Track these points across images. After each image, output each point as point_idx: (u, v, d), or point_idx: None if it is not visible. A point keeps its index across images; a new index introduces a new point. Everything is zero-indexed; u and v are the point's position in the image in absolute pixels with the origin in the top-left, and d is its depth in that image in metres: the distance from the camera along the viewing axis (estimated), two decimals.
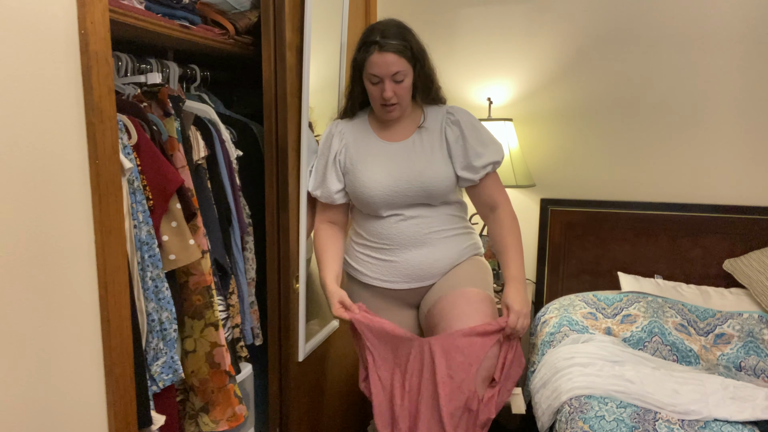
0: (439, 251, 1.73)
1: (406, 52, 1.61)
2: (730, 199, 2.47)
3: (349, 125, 1.79)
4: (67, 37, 1.12)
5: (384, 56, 1.59)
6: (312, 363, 2.07)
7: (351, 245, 1.84)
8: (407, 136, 1.74)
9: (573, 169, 2.67)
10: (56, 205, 1.12)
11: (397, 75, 1.61)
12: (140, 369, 1.34)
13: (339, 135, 1.77)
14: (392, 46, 1.59)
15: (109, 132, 1.20)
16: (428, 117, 1.75)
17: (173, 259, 1.47)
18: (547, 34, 2.64)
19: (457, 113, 1.74)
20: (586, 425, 1.64)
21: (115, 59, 1.52)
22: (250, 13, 1.89)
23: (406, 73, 1.63)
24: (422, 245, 1.72)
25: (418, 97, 1.73)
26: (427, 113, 1.76)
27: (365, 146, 1.74)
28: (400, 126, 1.75)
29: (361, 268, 1.80)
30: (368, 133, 1.76)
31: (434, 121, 1.74)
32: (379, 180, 1.68)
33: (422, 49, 1.67)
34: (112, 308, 1.23)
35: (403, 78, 1.62)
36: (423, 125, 1.73)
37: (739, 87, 2.42)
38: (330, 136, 1.77)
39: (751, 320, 2.11)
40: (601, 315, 2.26)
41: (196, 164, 1.66)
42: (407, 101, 1.69)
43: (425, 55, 1.68)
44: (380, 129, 1.76)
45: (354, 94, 1.76)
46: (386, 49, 1.59)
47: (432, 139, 1.72)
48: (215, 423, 1.62)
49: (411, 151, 1.71)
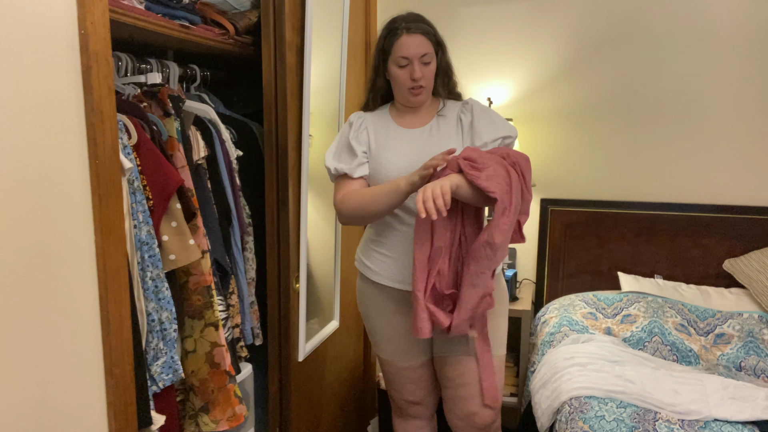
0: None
1: (431, 36, 1.68)
2: (730, 199, 2.47)
3: (370, 116, 1.82)
4: (67, 37, 1.12)
5: (413, 37, 1.66)
6: (312, 363, 2.07)
7: (366, 244, 1.83)
8: (425, 124, 1.78)
9: (573, 169, 2.67)
10: (56, 205, 1.12)
11: (425, 57, 1.67)
12: (140, 369, 1.34)
13: (359, 122, 1.79)
14: (420, 27, 1.67)
15: (109, 132, 1.20)
16: (445, 108, 1.79)
17: (173, 259, 1.47)
18: (547, 33, 2.64)
19: (472, 103, 1.79)
20: (586, 425, 1.64)
21: (115, 59, 1.52)
22: (250, 13, 1.89)
23: (432, 57, 1.69)
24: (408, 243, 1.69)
25: (438, 86, 1.77)
26: (443, 104, 1.80)
27: (385, 133, 1.77)
28: (419, 115, 1.79)
29: (374, 267, 1.78)
30: (388, 121, 1.80)
31: (451, 110, 1.78)
32: (396, 161, 1.71)
33: (442, 39, 1.74)
34: (112, 308, 1.23)
35: (430, 60, 1.68)
36: (441, 113, 1.77)
37: (740, 87, 2.42)
38: (350, 123, 1.80)
39: (751, 320, 2.11)
40: (601, 315, 2.26)
41: (196, 164, 1.66)
42: (432, 86, 1.74)
43: (445, 46, 1.75)
44: (399, 118, 1.80)
45: (376, 86, 1.79)
46: (414, 31, 1.66)
47: (449, 126, 1.76)
48: (215, 423, 1.62)
49: (428, 137, 1.75)
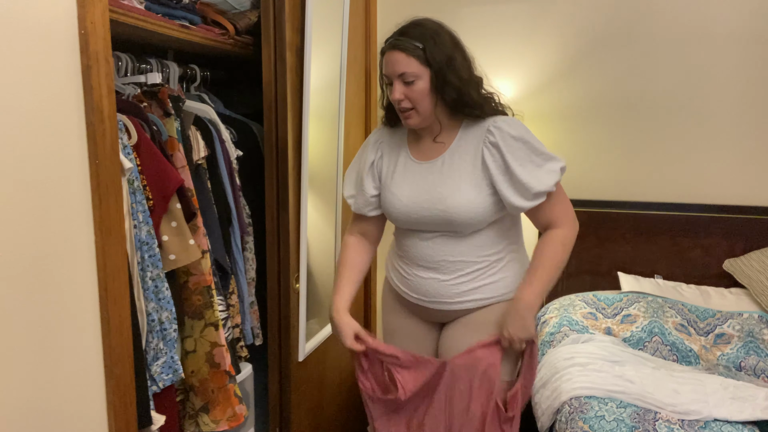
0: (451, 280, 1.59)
1: (417, 51, 1.45)
2: (730, 199, 2.47)
3: (388, 134, 1.68)
4: (67, 37, 1.12)
5: (390, 54, 1.47)
6: (312, 363, 2.07)
7: (392, 248, 1.77)
8: (437, 155, 1.58)
9: (573, 169, 2.65)
10: (56, 205, 1.12)
11: (405, 76, 1.47)
12: (140, 369, 1.34)
13: (376, 144, 1.69)
14: (400, 43, 1.46)
15: (109, 132, 1.20)
16: (464, 134, 1.56)
17: (173, 259, 1.47)
18: (547, 33, 2.64)
19: (498, 132, 1.51)
20: (586, 425, 1.64)
21: (115, 59, 1.52)
22: (250, 13, 1.89)
23: (418, 75, 1.47)
24: (433, 270, 1.60)
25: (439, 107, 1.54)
26: (463, 130, 1.56)
27: (395, 161, 1.64)
28: (432, 144, 1.59)
29: (392, 274, 1.74)
30: (402, 146, 1.64)
31: (470, 140, 1.54)
32: (400, 200, 1.59)
33: (448, 55, 1.48)
34: (112, 308, 1.23)
35: (413, 80, 1.47)
36: (456, 144, 1.56)
37: (740, 87, 2.42)
38: (368, 143, 1.71)
39: (751, 320, 2.11)
40: (601, 315, 2.26)
41: (196, 164, 1.66)
42: (426, 108, 1.51)
43: (452, 63, 1.48)
44: (414, 143, 1.63)
45: (386, 105, 1.65)
46: (394, 47, 1.47)
47: (463, 161, 1.54)
48: (215, 423, 1.62)
49: (438, 174, 1.55)
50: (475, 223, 1.53)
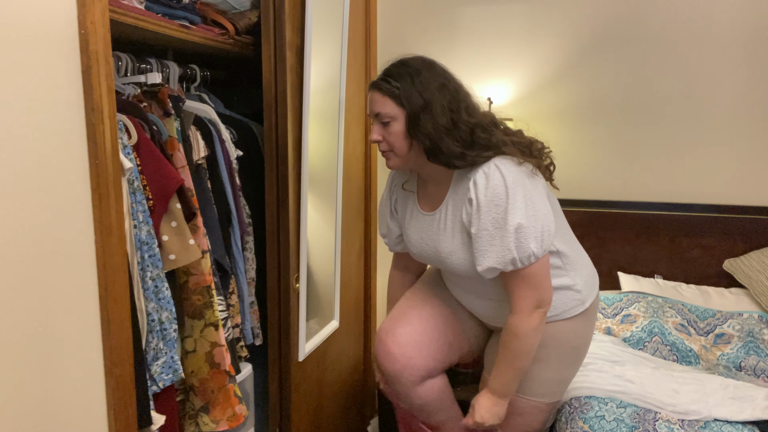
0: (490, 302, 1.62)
1: (393, 92, 1.41)
2: (730, 199, 2.47)
3: (399, 180, 1.70)
4: (67, 37, 1.12)
5: (371, 93, 1.46)
6: (312, 363, 2.07)
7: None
8: (437, 206, 1.55)
9: (572, 169, 2.67)
10: (56, 205, 1.12)
11: (380, 116, 1.44)
12: (140, 369, 1.34)
13: (391, 188, 1.72)
14: (378, 83, 1.45)
15: (109, 132, 1.20)
16: (456, 183, 1.49)
17: (173, 259, 1.47)
18: (547, 33, 2.64)
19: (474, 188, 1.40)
20: (586, 425, 1.64)
21: (115, 59, 1.52)
22: (250, 13, 1.89)
23: (393, 117, 1.42)
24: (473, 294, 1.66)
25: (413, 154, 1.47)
26: (456, 177, 1.49)
27: (406, 207, 1.67)
28: (435, 191, 1.56)
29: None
30: (411, 193, 1.65)
31: (460, 191, 1.47)
32: (414, 246, 1.64)
33: (426, 98, 1.39)
34: (112, 308, 1.23)
35: (389, 120, 1.43)
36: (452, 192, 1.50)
37: (740, 87, 2.42)
38: (388, 183, 1.74)
39: (751, 320, 2.11)
40: (601, 315, 2.26)
41: (196, 164, 1.66)
42: (402, 151, 1.45)
43: (429, 107, 1.39)
44: (421, 188, 1.62)
45: None
46: (373, 85, 1.46)
47: (455, 217, 1.49)
48: (215, 423, 1.62)
49: (436, 230, 1.53)
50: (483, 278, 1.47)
